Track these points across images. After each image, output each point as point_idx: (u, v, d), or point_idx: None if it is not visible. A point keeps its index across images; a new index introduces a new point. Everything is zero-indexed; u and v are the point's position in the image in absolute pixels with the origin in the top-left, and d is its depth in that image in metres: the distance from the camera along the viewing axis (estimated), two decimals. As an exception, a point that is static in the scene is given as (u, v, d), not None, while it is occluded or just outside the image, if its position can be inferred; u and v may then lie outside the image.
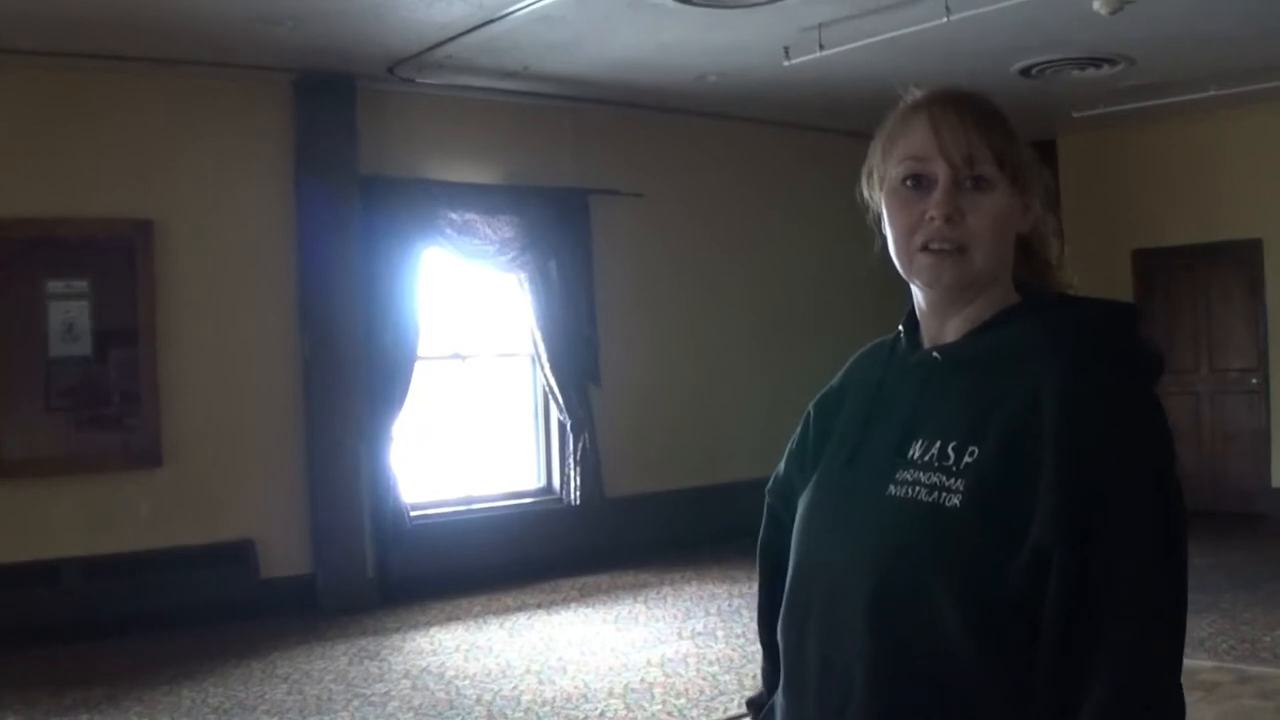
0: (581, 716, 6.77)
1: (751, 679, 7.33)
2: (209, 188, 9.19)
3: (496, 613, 9.25)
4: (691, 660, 7.79)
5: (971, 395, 1.88)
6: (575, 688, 7.31)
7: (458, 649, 8.29)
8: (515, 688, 7.37)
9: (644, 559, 10.61)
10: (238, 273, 9.29)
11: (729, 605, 9.22)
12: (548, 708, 6.95)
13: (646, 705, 6.91)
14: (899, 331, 2.09)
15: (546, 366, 10.66)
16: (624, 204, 10.93)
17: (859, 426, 2.03)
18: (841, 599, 1.88)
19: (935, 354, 1.96)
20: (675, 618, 8.91)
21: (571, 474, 10.74)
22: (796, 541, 2.05)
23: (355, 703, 7.15)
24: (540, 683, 7.45)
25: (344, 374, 9.62)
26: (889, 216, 1.95)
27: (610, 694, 7.15)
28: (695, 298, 11.53)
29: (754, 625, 7.30)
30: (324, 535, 9.51)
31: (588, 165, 10.91)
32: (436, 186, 10.17)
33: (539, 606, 9.40)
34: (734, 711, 6.72)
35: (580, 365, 10.76)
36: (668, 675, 7.48)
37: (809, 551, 2.01)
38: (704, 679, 7.37)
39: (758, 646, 7.00)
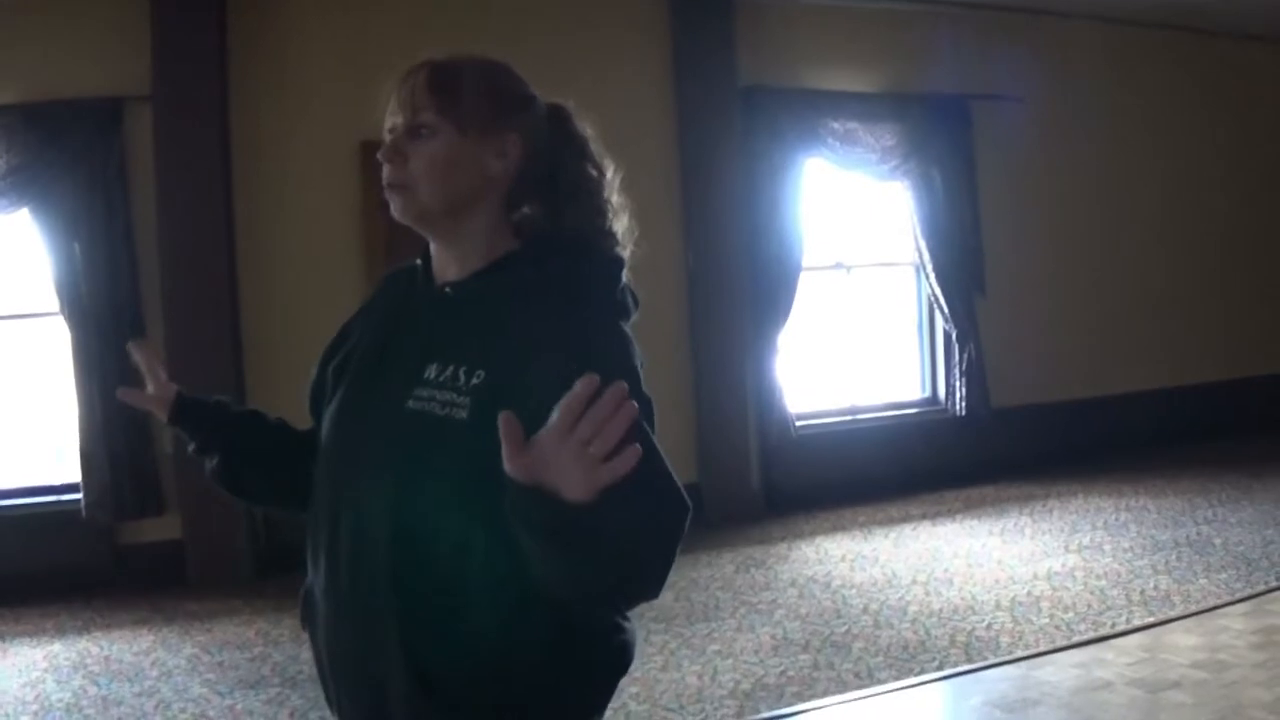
0: (968, 628, 6.77)
1: (1139, 594, 7.23)
2: (590, 104, 9.31)
3: (881, 523, 9.29)
4: (1079, 574, 7.68)
5: (478, 327, 2.19)
6: (962, 599, 7.31)
7: (844, 559, 8.38)
8: (902, 598, 7.42)
9: (1030, 470, 10.45)
10: (623, 183, 9.35)
11: (1116, 519, 9.03)
12: (934, 619, 6.98)
13: (1034, 619, 6.87)
14: (417, 262, 2.41)
15: (931, 276, 10.55)
16: (1006, 110, 10.66)
17: (381, 347, 2.33)
18: (370, 491, 2.18)
19: (448, 289, 2.29)
20: (1062, 531, 8.78)
21: (957, 384, 10.61)
22: (327, 438, 2.35)
23: (742, 610, 7.32)
24: (927, 594, 7.48)
25: (729, 285, 9.73)
26: None
27: (997, 606, 7.12)
28: (1082, 204, 11.18)
29: (1141, 540, 7.20)
30: (709, 446, 9.65)
31: (968, 71, 10.66)
32: (817, 95, 10.12)
33: (924, 518, 9.40)
34: (1122, 627, 6.63)
35: (965, 274, 10.60)
36: (1054, 589, 7.40)
37: (340, 447, 2.31)
38: (1091, 593, 7.27)
39: (1146, 561, 6.91)
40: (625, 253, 2.36)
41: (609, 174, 2.40)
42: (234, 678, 6.60)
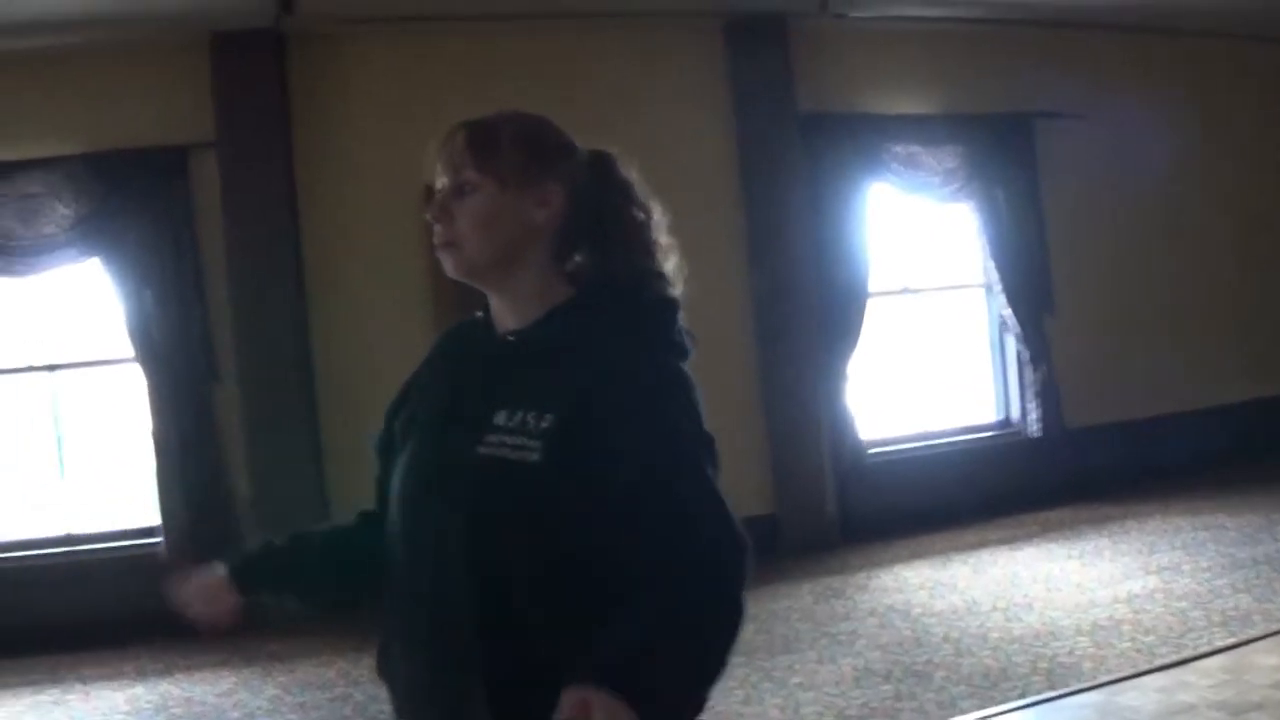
0: (1050, 654, 6.76)
1: (1220, 614, 7.18)
2: (651, 138, 9.30)
3: (959, 549, 9.26)
4: (1159, 596, 7.64)
5: (544, 373, 2.25)
6: (1042, 625, 7.30)
7: (922, 586, 8.39)
8: (982, 625, 7.42)
9: (1106, 491, 10.31)
10: (688, 216, 9.21)
11: (1194, 538, 8.95)
12: (1015, 645, 6.98)
13: (1115, 643, 6.85)
14: (478, 315, 2.46)
15: (1000, 296, 10.54)
16: (1068, 127, 10.60)
17: (448, 398, 2.38)
18: (446, 537, 2.23)
19: (510, 338, 2.35)
20: (1140, 552, 8.72)
21: (1030, 405, 10.58)
22: (400, 490, 2.38)
23: (823, 641, 7.35)
24: (1007, 620, 7.48)
25: (797, 312, 9.76)
26: None
27: (1078, 631, 7.11)
28: (1150, 219, 11.09)
29: (1220, 559, 7.09)
30: (784, 475, 9.69)
31: (1028, 89, 10.63)
32: (877, 120, 10.17)
33: (1001, 542, 9.35)
34: (1203, 649, 6.59)
35: (1034, 294, 10.57)
36: (1135, 612, 7.36)
37: (413, 497, 2.35)
38: (1172, 615, 7.23)
39: (1226, 580, 6.81)
40: (678, 292, 2.41)
41: (655, 216, 2.42)
42: (316, 718, 6.72)
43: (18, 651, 8.08)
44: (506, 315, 2.37)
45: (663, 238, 2.42)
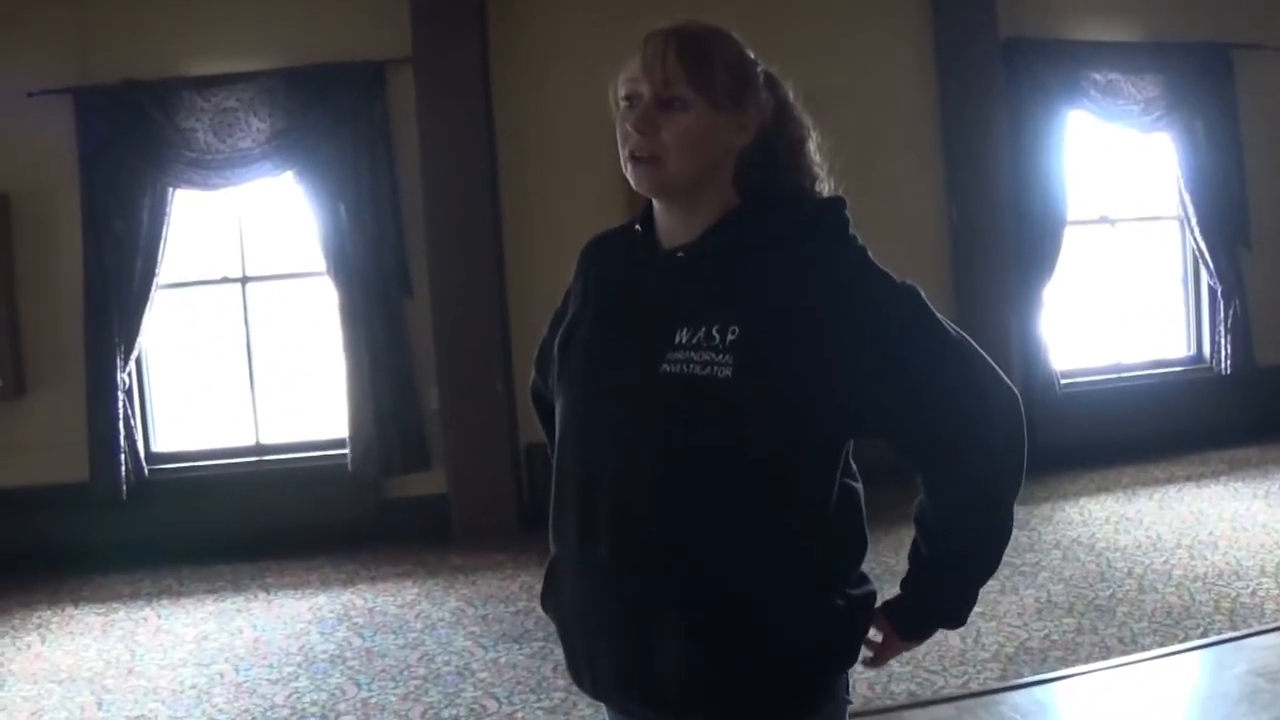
0: (1233, 594, 6.74)
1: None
2: (852, 60, 9.37)
3: (1145, 484, 9.23)
4: (1344, 539, 7.58)
5: (720, 284, 2.22)
6: (1226, 564, 7.28)
7: (1107, 520, 8.39)
8: (1166, 561, 7.42)
9: (1296, 431, 10.17)
10: (884, 143, 9.30)
11: (1384, 482, 8.82)
12: (1199, 583, 6.96)
13: (1299, 585, 6.82)
14: (635, 226, 2.42)
15: (1195, 229, 10.39)
16: (1268, 59, 10.38)
17: (615, 316, 2.36)
18: (631, 458, 2.22)
19: (680, 253, 2.29)
20: (1328, 494, 8.62)
21: (1221, 341, 10.45)
22: (571, 412, 2.37)
23: (1005, 571, 7.34)
24: (1191, 557, 7.46)
25: (993, 240, 9.74)
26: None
27: (1262, 572, 7.08)
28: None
29: None
30: (973, 402, 9.59)
31: (1228, 18, 10.36)
32: (1078, 46, 10.05)
33: (1188, 479, 9.30)
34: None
35: (1230, 228, 10.41)
36: (1321, 555, 7.34)
37: (589, 423, 2.33)
38: (1358, 559, 7.19)
39: None
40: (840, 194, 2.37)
41: (813, 134, 2.38)
42: (498, 631, 6.91)
43: (203, 559, 8.50)
44: (678, 229, 2.32)
45: (818, 156, 2.38)
